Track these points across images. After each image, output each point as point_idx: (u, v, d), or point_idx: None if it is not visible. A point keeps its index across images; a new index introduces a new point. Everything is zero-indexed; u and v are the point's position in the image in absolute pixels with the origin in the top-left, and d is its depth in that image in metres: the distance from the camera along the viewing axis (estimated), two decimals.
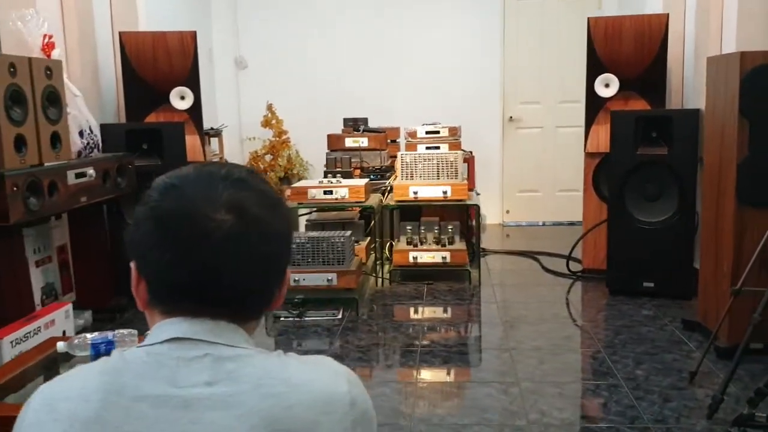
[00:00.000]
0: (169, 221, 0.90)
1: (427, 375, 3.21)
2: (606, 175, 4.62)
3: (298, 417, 0.85)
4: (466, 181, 4.71)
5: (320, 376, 0.91)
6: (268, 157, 6.89)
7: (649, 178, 4.26)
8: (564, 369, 3.22)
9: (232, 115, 7.06)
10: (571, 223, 6.64)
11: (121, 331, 2.33)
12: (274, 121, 6.86)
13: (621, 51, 4.61)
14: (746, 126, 3.15)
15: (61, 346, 2.13)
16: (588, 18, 4.65)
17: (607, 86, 4.68)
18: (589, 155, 4.77)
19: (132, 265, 0.94)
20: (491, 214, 7.09)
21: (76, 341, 2.15)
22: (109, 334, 2.28)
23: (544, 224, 6.97)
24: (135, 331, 2.33)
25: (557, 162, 6.80)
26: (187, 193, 0.91)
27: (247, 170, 0.98)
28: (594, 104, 4.71)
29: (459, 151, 4.91)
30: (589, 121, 4.73)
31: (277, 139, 6.87)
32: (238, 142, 7.06)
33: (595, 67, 4.67)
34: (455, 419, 2.73)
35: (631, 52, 4.59)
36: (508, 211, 7.10)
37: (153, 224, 0.90)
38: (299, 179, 6.60)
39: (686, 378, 3.03)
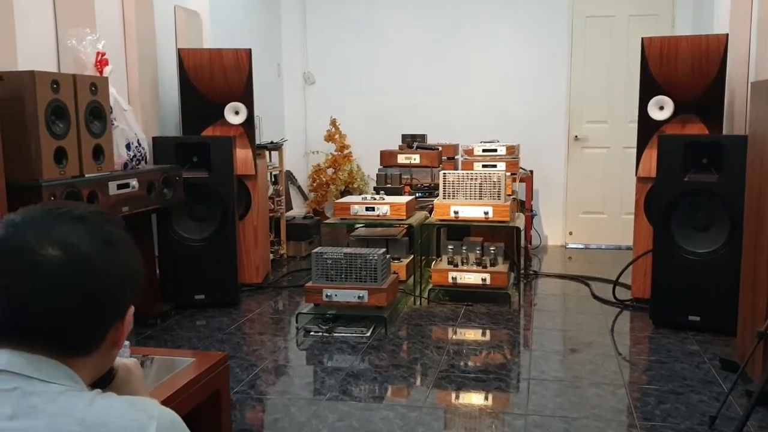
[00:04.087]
0: (2, 254, 0.95)
1: (435, 401, 3.16)
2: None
3: None
4: (508, 202, 4.62)
5: (122, 419, 0.91)
6: (330, 171, 7.00)
7: (698, 206, 4.05)
8: (579, 403, 3.10)
9: (299, 129, 7.23)
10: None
11: None
12: (337, 136, 6.97)
13: (677, 72, 4.42)
14: None
15: None
16: (642, 38, 4.48)
17: (662, 109, 4.49)
18: (640, 180, 4.59)
19: None
20: (553, 235, 6.92)
21: None
22: None
23: (608, 248, 6.73)
24: None
25: (624, 183, 6.54)
26: (24, 228, 0.96)
27: (91, 209, 1.01)
28: (647, 127, 4.52)
29: (502, 171, 4.82)
30: (642, 145, 4.56)
31: (339, 153, 6.97)
32: (302, 156, 7.21)
33: (648, 89, 4.50)
34: None
35: (689, 74, 4.39)
36: (571, 233, 6.91)
37: None
38: (360, 193, 6.66)
39: (707, 422, 2.86)
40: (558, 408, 3.05)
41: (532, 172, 6.37)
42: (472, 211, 4.60)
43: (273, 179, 6.12)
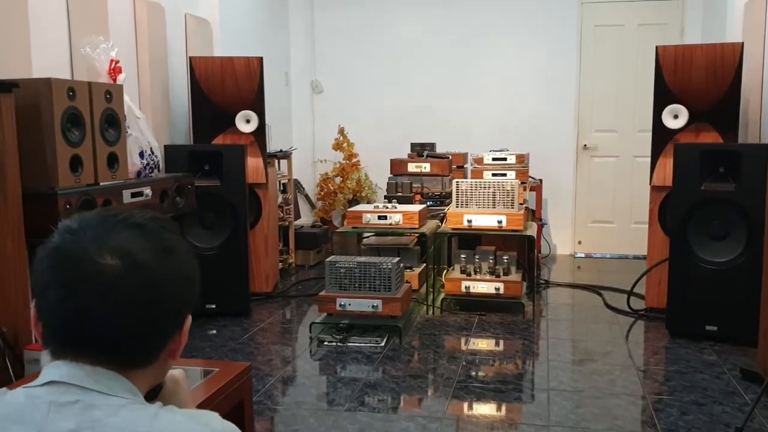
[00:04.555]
0: (60, 262, 0.92)
1: (455, 412, 3.13)
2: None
3: None
4: (522, 211, 4.59)
5: None
6: (337, 179, 6.97)
7: (715, 215, 4.03)
8: (601, 415, 3.06)
9: (306, 138, 7.21)
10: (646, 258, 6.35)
11: None
12: (345, 144, 6.94)
13: (692, 81, 4.40)
14: None
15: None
16: (657, 46, 4.47)
17: (676, 117, 4.47)
18: (655, 188, 4.56)
19: (32, 303, 0.96)
20: (562, 244, 6.89)
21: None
22: None
23: (616, 257, 6.71)
24: None
25: (633, 193, 6.53)
26: (81, 236, 0.93)
27: (149, 216, 0.98)
28: (661, 135, 4.51)
29: (515, 180, 4.80)
30: (656, 153, 4.53)
31: (347, 162, 6.94)
32: (310, 164, 7.18)
33: (663, 98, 4.48)
34: None
35: (703, 83, 4.38)
36: (580, 242, 6.88)
37: (48, 264, 0.93)
38: (368, 202, 6.64)
39: None
40: (580, 419, 3.01)
41: (541, 180, 6.36)
42: (485, 220, 4.57)
43: (282, 188, 6.10)
